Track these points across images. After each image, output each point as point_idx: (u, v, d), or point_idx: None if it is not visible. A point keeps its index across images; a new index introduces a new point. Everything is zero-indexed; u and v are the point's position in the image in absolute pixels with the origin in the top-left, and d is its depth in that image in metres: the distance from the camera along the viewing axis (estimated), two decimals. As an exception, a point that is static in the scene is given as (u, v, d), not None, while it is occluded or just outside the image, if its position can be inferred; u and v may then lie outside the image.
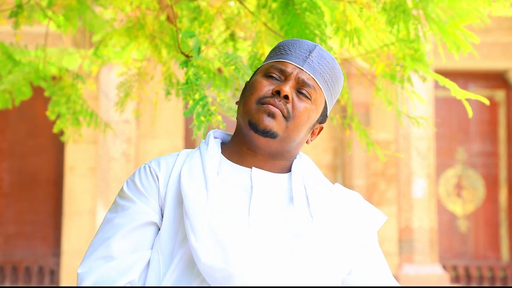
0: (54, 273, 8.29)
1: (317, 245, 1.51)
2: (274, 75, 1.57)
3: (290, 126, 1.55)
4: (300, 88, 1.56)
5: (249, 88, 1.59)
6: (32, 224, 8.46)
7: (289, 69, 1.57)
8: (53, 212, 8.49)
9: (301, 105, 1.56)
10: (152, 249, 1.55)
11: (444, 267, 8.57)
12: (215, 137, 1.68)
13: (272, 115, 1.53)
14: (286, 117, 1.54)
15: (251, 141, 1.57)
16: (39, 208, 8.48)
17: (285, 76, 1.56)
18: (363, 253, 1.60)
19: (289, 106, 1.54)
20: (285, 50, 1.60)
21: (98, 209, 7.71)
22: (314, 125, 1.62)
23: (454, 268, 8.75)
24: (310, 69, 1.57)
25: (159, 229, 1.56)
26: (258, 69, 1.65)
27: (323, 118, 1.64)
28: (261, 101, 1.54)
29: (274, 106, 1.53)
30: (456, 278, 8.73)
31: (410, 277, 7.72)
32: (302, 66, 1.57)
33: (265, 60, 1.65)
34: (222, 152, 1.63)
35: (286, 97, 1.54)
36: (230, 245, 1.44)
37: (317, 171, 1.67)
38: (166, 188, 1.56)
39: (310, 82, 1.57)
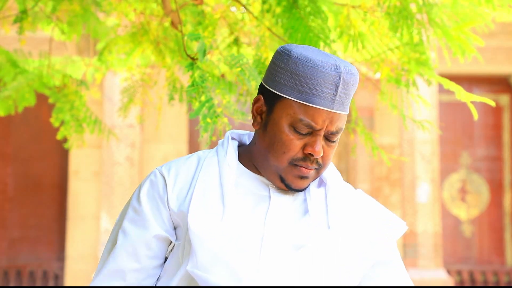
0: (58, 277, 8.29)
1: (331, 256, 1.50)
2: (303, 131, 1.49)
3: (321, 172, 1.55)
4: (328, 137, 1.51)
5: (278, 142, 1.50)
6: (36, 229, 8.46)
7: (320, 123, 1.47)
8: (57, 216, 8.50)
9: (330, 150, 1.53)
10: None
11: (449, 272, 8.54)
12: (232, 138, 1.65)
13: (305, 177, 1.52)
14: (317, 169, 1.53)
15: (279, 185, 1.55)
16: (43, 213, 8.49)
17: (314, 130, 1.49)
18: (381, 263, 1.59)
19: (320, 159, 1.52)
20: (309, 88, 1.47)
21: (102, 213, 7.71)
22: None
23: (459, 272, 8.72)
24: (339, 107, 1.49)
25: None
26: (277, 99, 1.51)
27: None
28: (294, 162, 1.50)
29: (308, 169, 1.51)
30: (460, 283, 8.70)
31: (414, 282, 7.69)
32: (332, 109, 1.47)
33: (283, 87, 1.50)
34: (239, 159, 1.61)
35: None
36: (240, 269, 1.45)
37: (338, 176, 1.65)
38: (184, 201, 1.53)
39: (338, 127, 1.50)
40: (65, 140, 4.51)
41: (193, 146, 8.42)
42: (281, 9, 2.79)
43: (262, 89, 1.57)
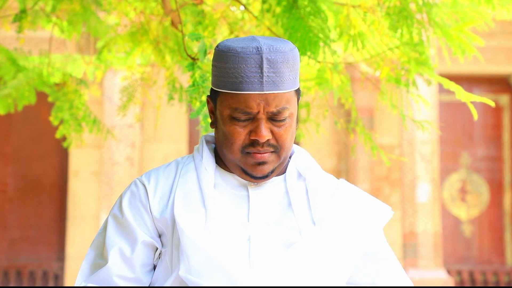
0: (58, 277, 8.29)
1: (320, 252, 1.50)
2: (242, 118, 1.50)
3: (281, 154, 1.53)
4: (273, 118, 1.50)
5: (225, 135, 1.52)
6: (36, 229, 8.46)
7: (254, 106, 1.48)
8: (57, 216, 8.50)
9: (282, 130, 1.51)
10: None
11: (449, 272, 8.54)
12: (207, 141, 1.66)
13: (263, 163, 1.51)
14: (275, 151, 1.52)
15: (245, 178, 1.55)
16: (43, 213, 8.49)
17: (253, 116, 1.49)
18: (370, 254, 1.60)
19: (272, 141, 1.51)
20: (236, 77, 1.48)
21: (102, 213, 7.71)
22: (297, 116, 1.58)
23: (459, 272, 8.72)
24: (271, 87, 1.48)
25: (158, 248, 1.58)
26: (216, 95, 1.54)
27: (298, 96, 1.58)
28: (245, 150, 1.51)
29: (260, 153, 1.50)
30: (460, 283, 8.70)
31: (414, 282, 7.69)
32: (262, 91, 1.47)
33: (217, 82, 1.53)
34: (216, 161, 1.61)
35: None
36: (233, 271, 1.46)
37: (317, 168, 1.64)
38: (166, 208, 1.54)
39: (279, 106, 1.49)
40: (64, 139, 4.51)
41: (193, 146, 8.43)
42: (281, 9, 2.80)
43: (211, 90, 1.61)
